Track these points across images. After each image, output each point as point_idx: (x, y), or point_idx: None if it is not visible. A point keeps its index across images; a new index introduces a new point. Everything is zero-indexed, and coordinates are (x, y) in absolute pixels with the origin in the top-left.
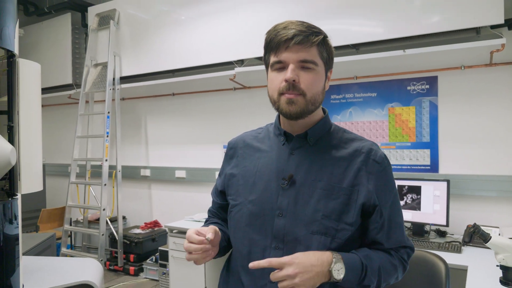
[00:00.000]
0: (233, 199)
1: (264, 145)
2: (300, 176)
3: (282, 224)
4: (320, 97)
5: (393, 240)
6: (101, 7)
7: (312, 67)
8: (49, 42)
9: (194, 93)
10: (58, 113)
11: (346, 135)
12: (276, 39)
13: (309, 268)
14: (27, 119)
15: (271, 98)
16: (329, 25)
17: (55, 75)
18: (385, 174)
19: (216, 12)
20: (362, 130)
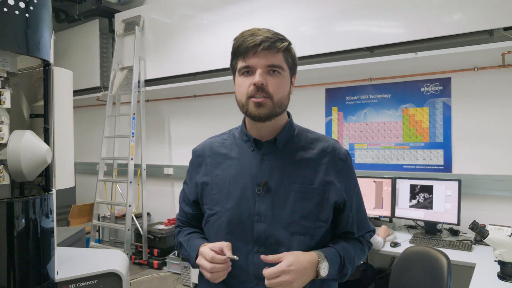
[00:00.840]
0: (210, 208)
1: (233, 152)
2: (274, 180)
3: (262, 228)
4: (286, 101)
5: (362, 229)
6: (128, 13)
7: (279, 72)
8: (79, 47)
9: (214, 95)
10: (87, 114)
11: (310, 135)
12: (244, 45)
13: (302, 272)
14: (60, 122)
15: (239, 102)
16: (344, 27)
17: (84, 78)
18: (349, 170)
19: (235, 16)
20: (377, 130)
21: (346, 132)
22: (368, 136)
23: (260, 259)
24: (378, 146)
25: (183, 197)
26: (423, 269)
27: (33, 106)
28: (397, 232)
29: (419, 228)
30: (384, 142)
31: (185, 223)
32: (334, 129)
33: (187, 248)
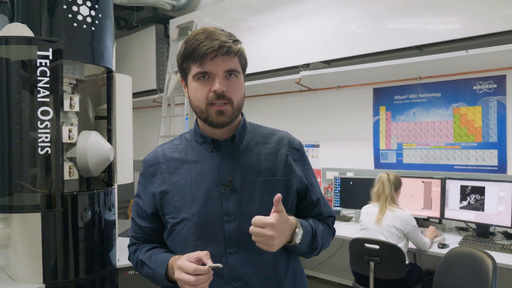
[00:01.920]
0: (173, 217)
1: (189, 155)
2: (238, 178)
3: (234, 227)
4: (242, 102)
5: (325, 213)
6: (181, 19)
7: (236, 75)
8: (137, 52)
9: (263, 96)
10: (145, 115)
11: (263, 130)
12: (201, 50)
13: (283, 233)
14: (121, 123)
15: (196, 108)
16: (394, 26)
17: (142, 81)
18: (305, 158)
19: (283, 19)
20: (426, 130)
21: (394, 131)
22: (417, 135)
23: (234, 260)
24: (427, 146)
25: (136, 212)
26: (467, 270)
27: (98, 109)
28: (447, 234)
29: (470, 230)
30: (434, 142)
31: (141, 239)
32: (382, 128)
33: (150, 265)
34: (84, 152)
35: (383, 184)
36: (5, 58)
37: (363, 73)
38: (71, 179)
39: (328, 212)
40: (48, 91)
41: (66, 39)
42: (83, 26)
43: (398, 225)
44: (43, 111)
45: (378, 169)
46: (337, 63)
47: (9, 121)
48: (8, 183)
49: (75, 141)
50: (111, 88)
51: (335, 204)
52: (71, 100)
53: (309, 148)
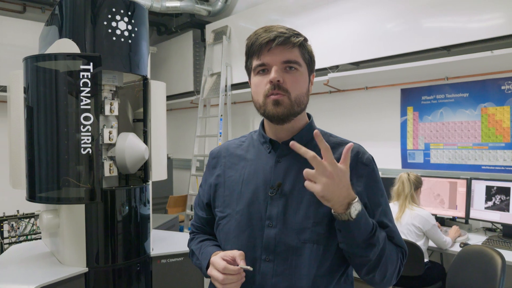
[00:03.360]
0: (221, 211)
1: (249, 153)
2: (288, 183)
3: (273, 234)
4: (305, 99)
5: (394, 240)
6: (217, 24)
7: (296, 68)
8: (176, 56)
9: None
10: (182, 116)
11: (333, 139)
12: (258, 42)
13: (340, 184)
14: (156, 125)
15: (256, 103)
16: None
17: (180, 84)
18: (372, 175)
19: (314, 21)
20: (453, 130)
21: (421, 132)
22: (444, 136)
23: (267, 268)
24: (454, 146)
25: (197, 201)
26: (478, 267)
27: (136, 112)
28: (473, 234)
29: (497, 231)
30: (461, 142)
31: (199, 229)
32: (409, 128)
33: (199, 256)
34: (122, 152)
35: (403, 183)
36: (55, 70)
37: (391, 74)
38: (111, 175)
39: (399, 242)
40: (89, 100)
41: (107, 51)
42: (121, 40)
43: (417, 223)
44: (85, 116)
45: (406, 168)
46: (365, 64)
47: (58, 124)
48: (57, 178)
49: (115, 141)
50: (147, 93)
51: None
52: (111, 105)
53: None
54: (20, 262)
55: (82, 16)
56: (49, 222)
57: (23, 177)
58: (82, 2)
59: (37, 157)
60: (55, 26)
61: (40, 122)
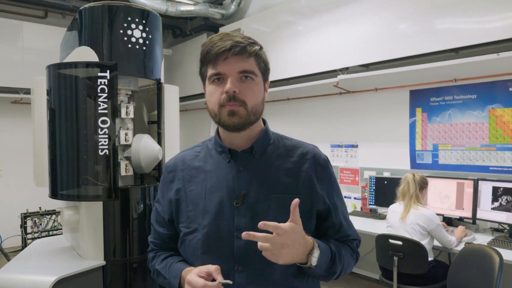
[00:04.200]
0: (186, 226)
1: (207, 164)
2: (253, 192)
3: (243, 244)
4: (260, 108)
5: (349, 235)
6: (231, 26)
7: (251, 77)
8: (191, 58)
9: (305, 98)
10: (196, 116)
11: (288, 142)
12: (213, 51)
13: (296, 246)
14: (169, 126)
15: (211, 112)
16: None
17: (195, 85)
18: (330, 176)
19: (324, 24)
20: (462, 131)
21: (430, 133)
22: (452, 137)
23: (241, 278)
24: (462, 147)
25: (155, 218)
26: (477, 265)
27: (151, 114)
28: (480, 234)
29: (505, 231)
30: (469, 143)
31: (160, 246)
32: (418, 129)
33: (166, 275)
34: (137, 152)
35: (408, 184)
36: (75, 76)
37: (400, 75)
38: (127, 175)
39: (352, 235)
40: (106, 104)
41: (123, 57)
42: (136, 46)
43: (422, 222)
44: (102, 120)
45: (414, 169)
46: (375, 66)
47: (77, 127)
48: (77, 177)
49: (131, 142)
50: (160, 97)
51: (370, 203)
52: (127, 108)
53: (348, 148)
54: (43, 255)
55: (100, 24)
56: (69, 218)
57: (46, 175)
58: (100, 11)
59: (58, 157)
60: (76, 31)
61: (62, 124)
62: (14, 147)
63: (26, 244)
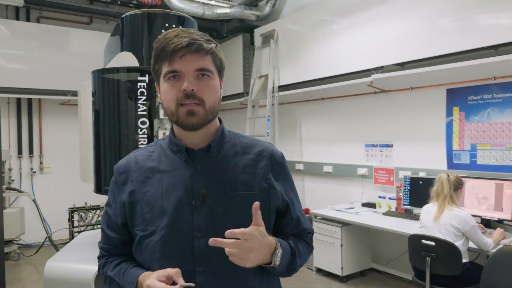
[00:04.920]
0: (142, 229)
1: (162, 164)
2: (212, 191)
3: (204, 244)
4: (217, 106)
5: (305, 230)
6: (266, 27)
7: (208, 75)
8: (227, 59)
9: (339, 97)
10: (233, 116)
11: (244, 140)
12: (169, 48)
13: (263, 248)
14: None
15: (167, 110)
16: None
17: (231, 86)
18: (286, 172)
19: (360, 22)
20: (501, 131)
21: (467, 132)
22: (491, 136)
23: (203, 279)
24: (502, 147)
25: (106, 222)
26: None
27: None
28: None
29: None
30: (510, 143)
31: (111, 252)
32: (455, 129)
33: (120, 281)
34: None
35: (442, 184)
36: (117, 80)
37: (437, 74)
38: None
39: (308, 229)
40: (145, 107)
41: None
42: None
43: (456, 223)
44: (142, 121)
45: (451, 169)
46: (410, 64)
47: (119, 127)
48: None
49: None
50: None
51: (404, 203)
52: None
53: (382, 148)
54: (87, 247)
55: (140, 30)
56: None
57: (91, 172)
58: (140, 18)
59: (102, 155)
60: (118, 36)
61: (105, 125)
62: (62, 146)
63: (73, 236)
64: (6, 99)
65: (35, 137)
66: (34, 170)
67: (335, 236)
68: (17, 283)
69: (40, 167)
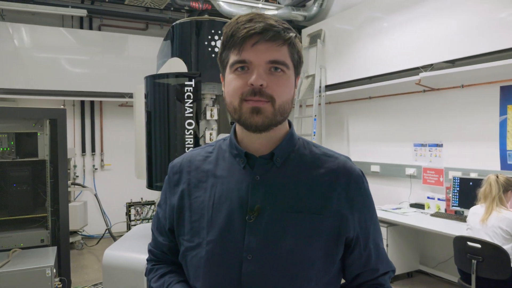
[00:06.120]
0: (188, 240)
1: (218, 168)
2: (270, 207)
3: (252, 270)
4: (289, 107)
5: (381, 269)
6: (313, 27)
7: (283, 70)
8: None
9: (387, 96)
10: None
11: (316, 150)
12: (240, 34)
13: None
14: None
15: (229, 105)
16: None
17: None
18: (365, 196)
19: (410, 19)
20: None
21: None
22: None
23: None
24: None
25: (156, 224)
26: None
27: None
28: None
29: None
30: None
31: (159, 257)
32: (510, 128)
33: None
34: None
35: (490, 185)
36: (167, 84)
37: (490, 71)
38: None
39: (387, 267)
40: (191, 109)
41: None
42: None
43: (505, 226)
44: (188, 122)
45: (505, 170)
46: (461, 62)
47: (169, 128)
48: None
49: None
50: None
51: (453, 204)
52: (211, 111)
53: (432, 148)
54: (141, 238)
55: (189, 37)
56: None
57: (144, 169)
58: (188, 26)
59: (153, 153)
60: (170, 41)
61: (156, 125)
62: (121, 144)
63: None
64: (72, 101)
65: (97, 136)
66: (95, 167)
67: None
68: (81, 270)
69: (101, 164)
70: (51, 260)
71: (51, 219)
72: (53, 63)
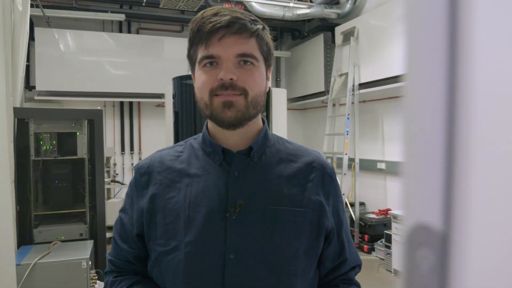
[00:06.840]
0: (163, 244)
1: (192, 167)
2: (250, 202)
3: (236, 268)
4: (261, 100)
5: (350, 261)
6: (346, 25)
7: (252, 62)
8: (308, 58)
9: None
10: (314, 114)
11: (290, 146)
12: (206, 29)
13: None
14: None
15: (200, 102)
16: None
17: (312, 84)
18: (337, 189)
19: None
20: None
21: None
22: None
23: None
24: None
25: (119, 231)
26: None
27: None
28: None
29: None
30: None
31: (122, 267)
32: None
33: None
34: None
35: None
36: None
37: None
38: None
39: (355, 261)
40: None
41: None
42: None
43: None
44: None
45: None
46: None
47: (194, 127)
48: None
49: None
50: (268, 99)
51: None
52: None
53: None
54: None
55: None
56: None
57: None
58: None
59: None
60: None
61: (183, 125)
62: (158, 143)
63: None
64: (112, 102)
65: (135, 135)
66: (134, 165)
67: None
68: None
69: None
70: (87, 252)
71: (89, 214)
72: (96, 65)
